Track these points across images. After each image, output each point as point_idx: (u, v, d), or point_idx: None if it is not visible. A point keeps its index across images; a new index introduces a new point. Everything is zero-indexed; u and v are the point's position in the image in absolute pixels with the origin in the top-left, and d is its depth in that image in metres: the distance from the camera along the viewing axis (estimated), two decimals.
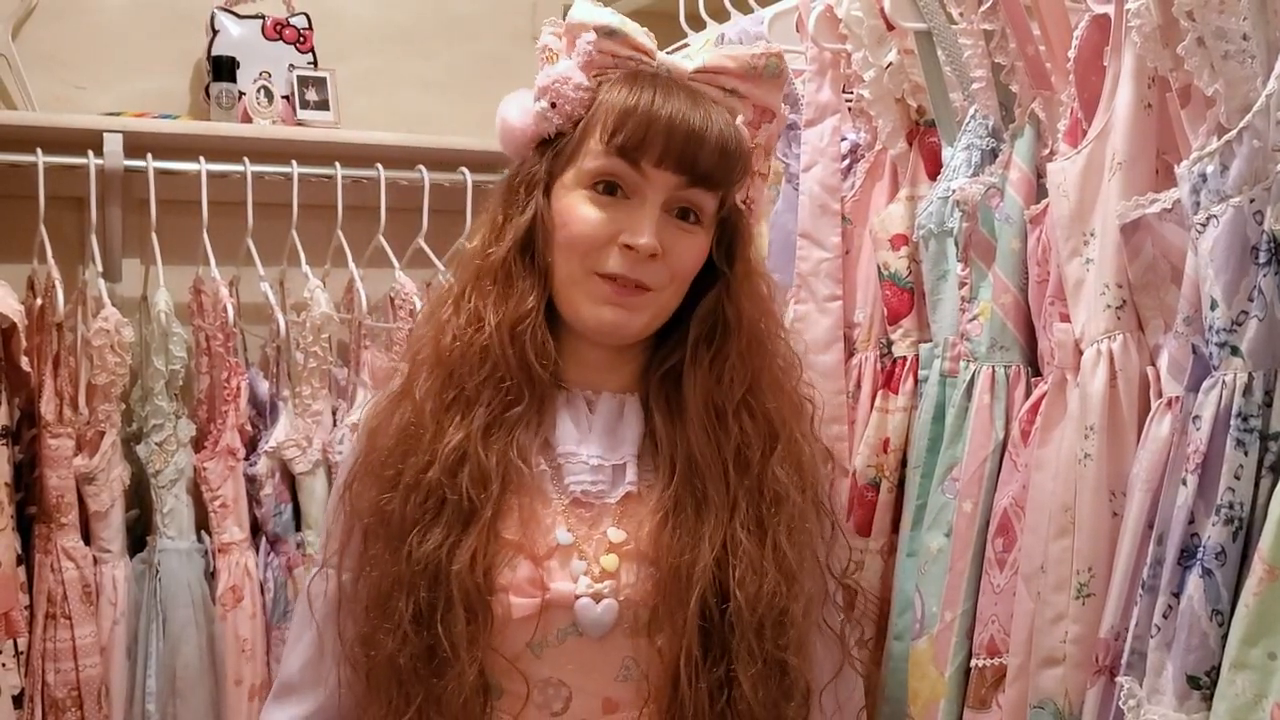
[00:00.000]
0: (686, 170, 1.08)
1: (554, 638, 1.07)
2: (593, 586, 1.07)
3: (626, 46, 1.12)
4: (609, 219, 1.08)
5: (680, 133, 1.07)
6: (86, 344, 2.07)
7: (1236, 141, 1.04)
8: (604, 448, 1.12)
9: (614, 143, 1.08)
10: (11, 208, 2.21)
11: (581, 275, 1.09)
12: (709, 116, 1.09)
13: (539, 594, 1.06)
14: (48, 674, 1.99)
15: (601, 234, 1.08)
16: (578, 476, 1.11)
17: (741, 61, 1.13)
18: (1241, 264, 1.04)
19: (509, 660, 1.06)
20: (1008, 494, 1.30)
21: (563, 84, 1.11)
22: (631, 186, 1.09)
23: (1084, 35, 1.25)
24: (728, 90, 1.13)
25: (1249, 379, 1.04)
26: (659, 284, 1.10)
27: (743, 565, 1.07)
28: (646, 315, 1.11)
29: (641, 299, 1.10)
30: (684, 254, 1.11)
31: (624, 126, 1.08)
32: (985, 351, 1.36)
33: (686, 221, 1.11)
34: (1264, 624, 0.98)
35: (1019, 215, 1.34)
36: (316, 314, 2.24)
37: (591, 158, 1.09)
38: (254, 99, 2.39)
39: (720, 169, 1.10)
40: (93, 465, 2.05)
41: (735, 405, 1.12)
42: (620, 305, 1.09)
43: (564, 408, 1.14)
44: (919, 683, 1.37)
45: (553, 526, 1.09)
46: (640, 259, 1.07)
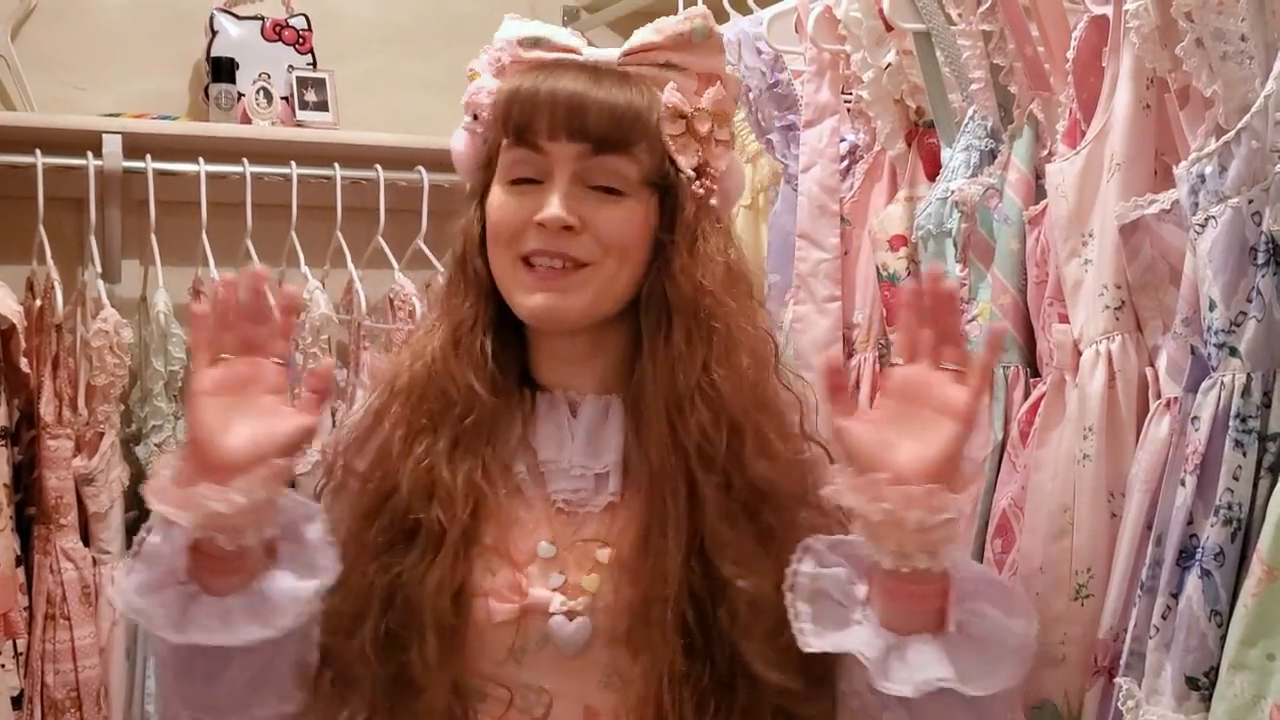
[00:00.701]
0: (579, 135, 1.06)
1: (534, 644, 1.06)
2: (566, 604, 1.05)
3: (552, 49, 1.12)
4: (524, 204, 1.07)
5: (563, 101, 1.06)
6: (85, 345, 2.07)
7: (1235, 142, 1.04)
8: (586, 455, 1.09)
9: (509, 129, 1.07)
10: (10, 209, 2.21)
11: (510, 266, 1.07)
12: (597, 83, 1.07)
13: (518, 600, 1.05)
14: (47, 675, 1.99)
15: (516, 217, 1.07)
16: (559, 485, 1.09)
17: (667, 32, 1.11)
18: (1240, 265, 1.04)
19: (491, 665, 1.06)
20: (1006, 495, 1.30)
21: (477, 93, 1.13)
22: (541, 170, 1.07)
23: (1082, 36, 1.26)
24: (662, 65, 1.11)
25: (1247, 380, 1.04)
26: (590, 256, 1.06)
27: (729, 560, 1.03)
28: (586, 294, 1.07)
29: (574, 277, 1.06)
30: (609, 223, 1.06)
31: (512, 109, 1.07)
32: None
33: (607, 193, 1.07)
34: (1262, 624, 0.98)
35: (1018, 216, 1.34)
36: (316, 315, 2.24)
37: (504, 154, 1.09)
38: (253, 100, 2.39)
39: (614, 129, 1.06)
40: (92, 466, 2.05)
41: (691, 395, 1.06)
42: (550, 289, 1.06)
43: (546, 412, 1.11)
44: None
45: (534, 534, 1.07)
46: (554, 233, 1.05)
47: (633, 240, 1.08)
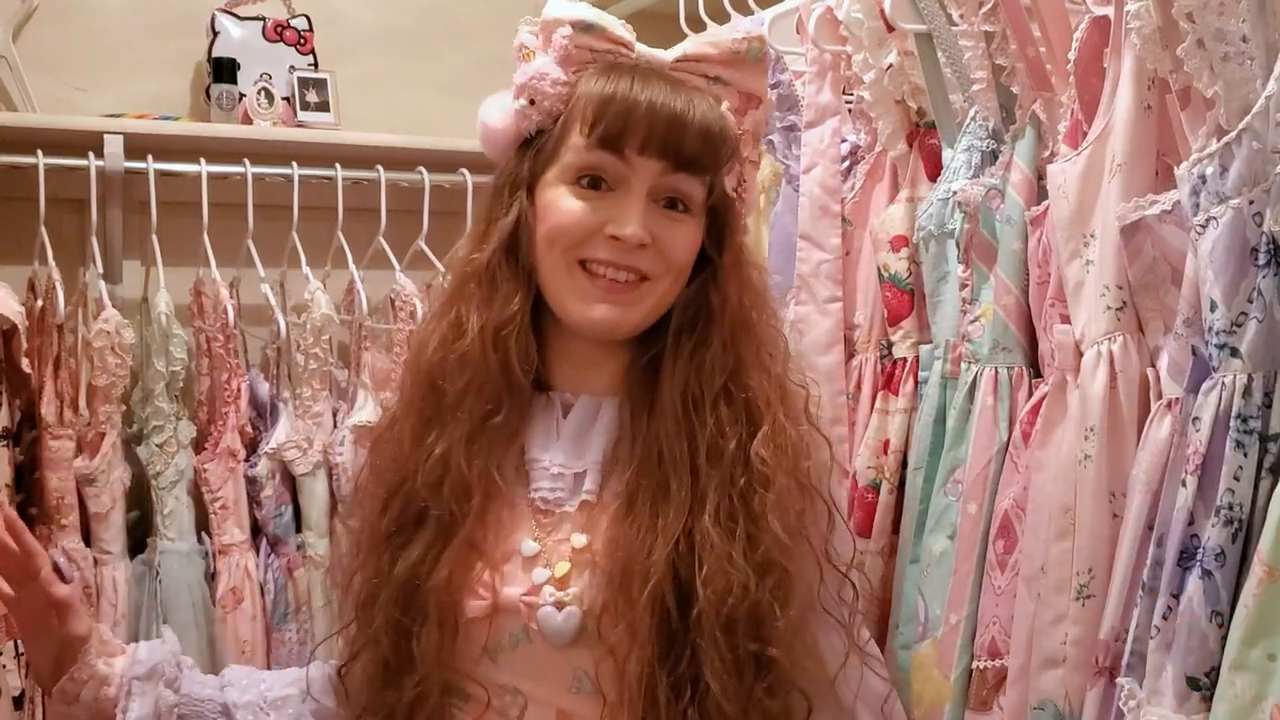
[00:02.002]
0: (671, 156, 1.06)
1: (507, 643, 1.06)
2: (555, 594, 1.05)
3: (604, 40, 1.10)
4: (593, 210, 1.06)
5: (662, 118, 1.05)
6: (87, 345, 2.07)
7: (1236, 143, 1.04)
8: (568, 454, 1.10)
9: (595, 134, 1.06)
10: (12, 209, 2.21)
11: (565, 269, 1.07)
12: (690, 101, 1.07)
13: (488, 598, 1.05)
14: None
15: (586, 225, 1.06)
16: (538, 484, 1.09)
17: (723, 48, 1.11)
18: (1241, 266, 1.04)
19: (469, 663, 1.06)
20: (1009, 495, 1.30)
21: (540, 80, 1.09)
22: (616, 177, 1.06)
23: (1084, 37, 1.26)
24: (711, 78, 1.11)
25: (1248, 380, 1.04)
26: (655, 272, 1.07)
27: (710, 561, 1.03)
28: (644, 308, 1.09)
29: (638, 291, 1.07)
30: (676, 243, 1.08)
31: (604, 116, 1.06)
32: (988, 353, 1.37)
33: (675, 210, 1.08)
34: (1263, 625, 0.99)
35: (1020, 217, 1.34)
36: (317, 315, 2.24)
37: (573, 153, 1.07)
38: (254, 100, 2.39)
39: (705, 153, 1.07)
40: (93, 467, 2.05)
41: (714, 394, 1.09)
42: (613, 302, 1.07)
43: (540, 412, 1.12)
44: (923, 686, 1.37)
45: (515, 532, 1.08)
46: (628, 249, 1.05)
47: (689, 258, 1.10)
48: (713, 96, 1.11)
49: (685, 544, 1.04)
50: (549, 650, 1.05)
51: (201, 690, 1.17)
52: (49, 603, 1.12)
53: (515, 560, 1.07)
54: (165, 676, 1.15)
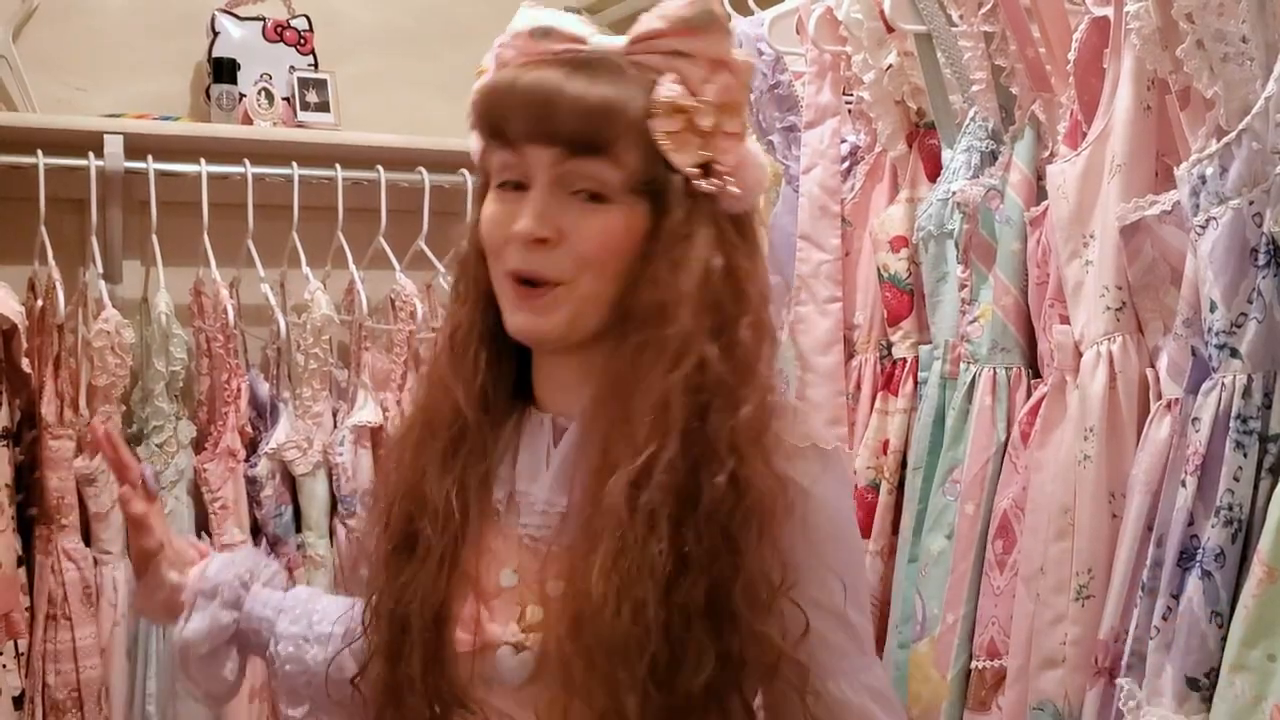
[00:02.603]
0: (550, 138, 0.98)
1: (485, 674, 1.04)
2: (517, 636, 1.01)
3: (560, 40, 1.04)
4: (506, 212, 1.00)
5: (531, 99, 0.98)
6: (87, 345, 2.07)
7: (1236, 144, 1.04)
8: (554, 490, 1.04)
9: (482, 129, 1.02)
10: (12, 209, 2.21)
11: (500, 279, 1.02)
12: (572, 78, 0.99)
13: (473, 632, 1.03)
14: (48, 675, 1.99)
15: (498, 229, 1.01)
16: (525, 519, 1.04)
17: (671, 17, 1.02)
18: (1241, 266, 1.04)
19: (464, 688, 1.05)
20: (1008, 496, 1.30)
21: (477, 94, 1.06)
22: (523, 175, 1.00)
23: (1084, 38, 1.26)
24: (668, 53, 1.02)
25: (1248, 381, 1.04)
26: (562, 274, 0.98)
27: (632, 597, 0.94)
28: (561, 313, 0.99)
29: (549, 297, 0.99)
30: (587, 235, 0.98)
31: (486, 109, 1.01)
32: (986, 353, 1.37)
33: (591, 201, 0.99)
34: (1263, 625, 0.99)
35: (1019, 217, 1.34)
36: (317, 315, 2.24)
37: (490, 157, 1.03)
38: (254, 101, 2.39)
39: (585, 129, 0.98)
40: (93, 466, 2.05)
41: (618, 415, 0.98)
42: (529, 310, 1.00)
43: (530, 436, 1.06)
44: (920, 685, 1.37)
45: (502, 565, 1.06)
46: (529, 247, 0.98)
47: (612, 252, 1.00)
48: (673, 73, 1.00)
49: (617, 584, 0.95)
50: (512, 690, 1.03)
51: (261, 610, 1.23)
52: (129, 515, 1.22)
53: (502, 595, 1.05)
54: (225, 597, 1.22)
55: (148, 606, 1.27)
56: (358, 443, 2.21)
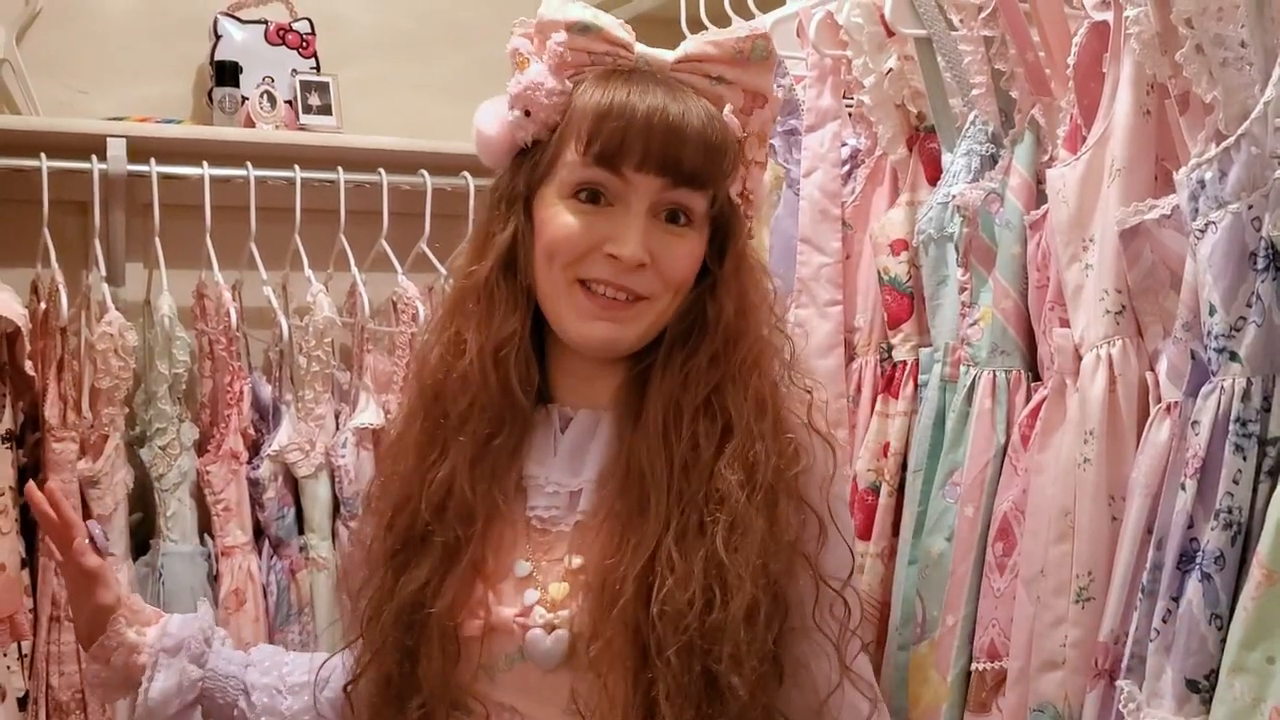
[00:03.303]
0: (670, 172, 1.01)
1: (503, 662, 1.04)
2: (545, 616, 1.02)
3: (602, 42, 1.05)
4: (591, 225, 1.02)
5: (659, 132, 1.00)
6: (90, 348, 2.08)
7: (1235, 148, 1.04)
8: (566, 471, 1.07)
9: (591, 151, 1.01)
10: (15, 212, 2.22)
11: (564, 286, 1.03)
12: (689, 110, 1.01)
13: (484, 616, 1.04)
14: (52, 677, 1.99)
15: (583, 241, 1.02)
16: (534, 501, 1.07)
17: (725, 47, 1.05)
18: (1240, 270, 1.04)
19: (469, 679, 1.05)
20: (1008, 498, 1.31)
21: (535, 90, 1.04)
22: (615, 193, 1.02)
23: (1083, 42, 1.26)
24: (714, 78, 1.05)
25: (1247, 384, 1.04)
26: (653, 292, 1.03)
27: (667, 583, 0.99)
28: (642, 326, 1.05)
29: (635, 309, 1.03)
30: (676, 260, 1.04)
31: (600, 132, 1.01)
32: (986, 356, 1.37)
33: (676, 224, 1.03)
34: (1262, 628, 0.99)
35: (1019, 221, 1.34)
36: (319, 318, 2.24)
37: (569, 168, 1.03)
38: (257, 104, 2.39)
39: (706, 167, 1.02)
40: (96, 469, 2.05)
41: (695, 408, 1.04)
42: (611, 320, 1.03)
43: (539, 425, 1.09)
44: (920, 687, 1.38)
45: (512, 551, 1.06)
46: (626, 269, 1.01)
47: (690, 274, 1.06)
48: (714, 99, 1.05)
49: (651, 564, 1.00)
50: (541, 672, 1.04)
51: (226, 667, 1.20)
52: (79, 572, 1.17)
53: (510, 580, 1.05)
54: (191, 652, 1.18)
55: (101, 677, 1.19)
56: (360, 445, 2.21)
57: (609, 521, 1.04)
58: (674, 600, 0.98)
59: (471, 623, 1.04)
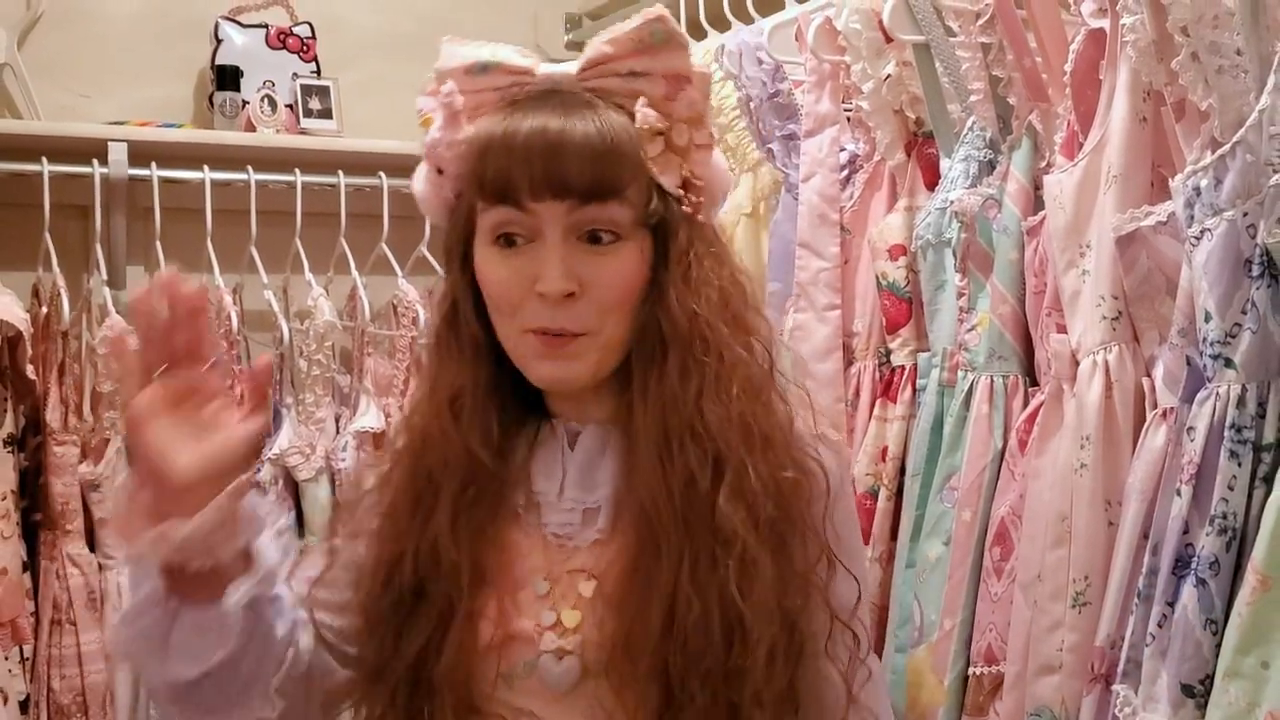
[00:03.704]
0: (566, 191, 0.97)
1: (521, 670, 1.03)
2: (556, 642, 1.01)
3: (504, 75, 1.02)
4: (517, 269, 0.98)
5: (539, 153, 0.96)
6: (91, 351, 2.08)
7: (1230, 156, 1.05)
8: (580, 488, 1.05)
9: (485, 192, 0.98)
10: (17, 216, 2.22)
11: (516, 334, 1.00)
12: (569, 124, 0.97)
13: (502, 626, 1.03)
14: (53, 680, 2.00)
15: (515, 289, 0.98)
16: (550, 518, 1.04)
17: (622, 42, 1.00)
18: (1235, 277, 1.05)
19: (486, 688, 1.05)
20: (1005, 503, 1.31)
21: (437, 146, 1.02)
22: (527, 229, 0.98)
23: (1080, 49, 1.27)
24: (625, 75, 1.01)
25: (1242, 391, 1.05)
26: (589, 326, 0.99)
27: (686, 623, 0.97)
28: (591, 359, 1.00)
29: (575, 345, 0.99)
30: (608, 282, 0.99)
31: (486, 169, 0.98)
32: (983, 361, 1.38)
33: (600, 244, 0.99)
34: (1257, 633, 0.99)
35: (1016, 226, 1.35)
36: (320, 321, 2.25)
37: (483, 215, 1.00)
38: (257, 108, 2.40)
39: (603, 175, 0.97)
40: (98, 472, 2.06)
41: (681, 436, 1.00)
42: (555, 358, 0.99)
43: (548, 441, 1.06)
44: (918, 690, 1.38)
45: (526, 561, 1.04)
46: (557, 303, 0.97)
47: (632, 291, 1.01)
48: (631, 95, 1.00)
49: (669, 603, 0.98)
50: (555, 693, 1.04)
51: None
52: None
53: (528, 590, 1.05)
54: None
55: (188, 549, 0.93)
56: (360, 448, 2.22)
57: (623, 551, 1.02)
58: (695, 641, 0.97)
59: (488, 632, 1.03)
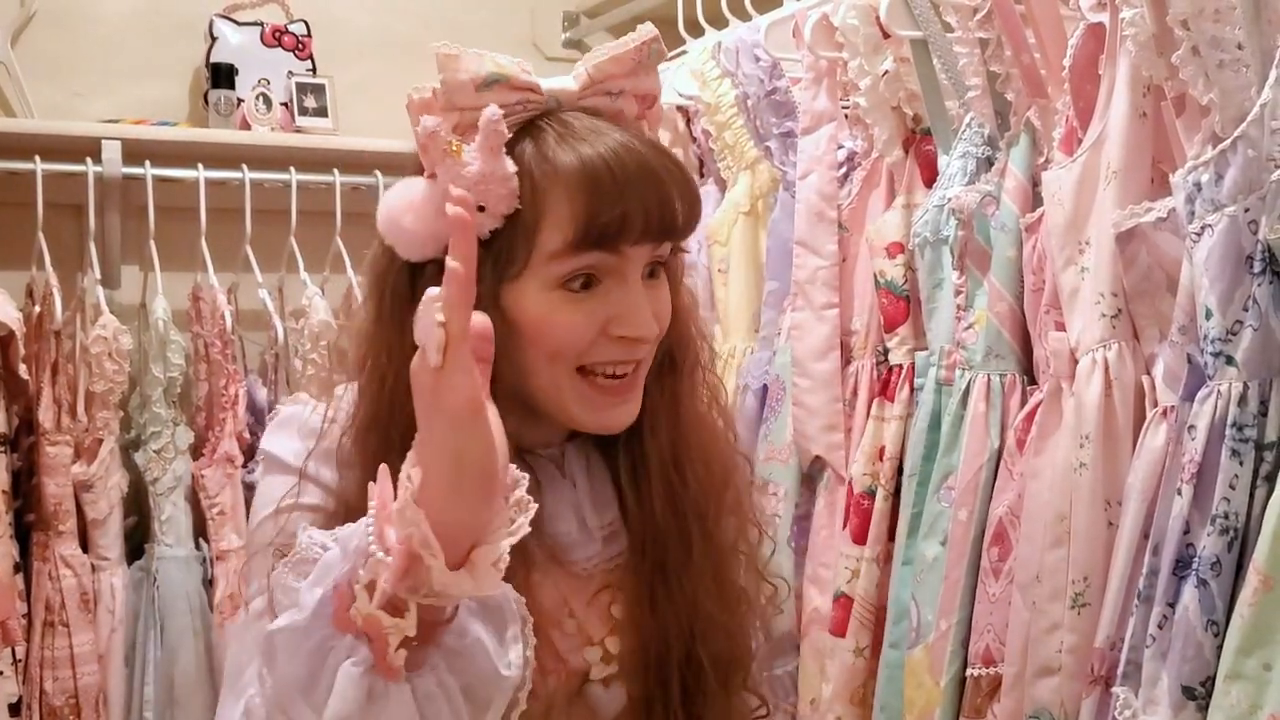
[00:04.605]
0: (667, 234, 0.95)
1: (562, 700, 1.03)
2: (603, 670, 1.01)
3: (511, 91, 0.96)
4: (592, 313, 0.94)
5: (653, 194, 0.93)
6: (85, 351, 2.07)
7: (1231, 151, 1.04)
8: (594, 514, 1.04)
9: (590, 238, 0.92)
10: (10, 215, 2.21)
11: (566, 378, 0.96)
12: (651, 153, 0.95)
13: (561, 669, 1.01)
14: (46, 682, 1.99)
15: (589, 333, 0.95)
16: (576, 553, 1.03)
17: (626, 61, 0.98)
18: (1236, 273, 1.04)
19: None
20: (1003, 503, 1.30)
21: (488, 183, 0.92)
22: (607, 270, 0.94)
23: (1079, 44, 1.25)
24: (615, 94, 0.99)
25: (1244, 388, 1.04)
26: (649, 354, 0.99)
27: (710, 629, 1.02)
28: (640, 391, 1.00)
29: (635, 377, 0.98)
30: (666, 314, 0.99)
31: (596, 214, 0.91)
32: (981, 360, 1.36)
33: (655, 278, 0.98)
34: (1259, 634, 0.98)
35: (1014, 223, 1.34)
36: (315, 321, 2.24)
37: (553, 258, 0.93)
38: (252, 106, 2.39)
39: (691, 218, 0.96)
40: (91, 473, 2.05)
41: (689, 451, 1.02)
42: (623, 402, 0.97)
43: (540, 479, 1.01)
44: (914, 691, 1.37)
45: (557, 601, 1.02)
46: (641, 344, 0.96)
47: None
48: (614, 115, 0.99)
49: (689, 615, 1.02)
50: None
51: None
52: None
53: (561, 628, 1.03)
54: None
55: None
56: None
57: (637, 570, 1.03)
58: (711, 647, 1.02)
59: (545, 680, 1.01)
